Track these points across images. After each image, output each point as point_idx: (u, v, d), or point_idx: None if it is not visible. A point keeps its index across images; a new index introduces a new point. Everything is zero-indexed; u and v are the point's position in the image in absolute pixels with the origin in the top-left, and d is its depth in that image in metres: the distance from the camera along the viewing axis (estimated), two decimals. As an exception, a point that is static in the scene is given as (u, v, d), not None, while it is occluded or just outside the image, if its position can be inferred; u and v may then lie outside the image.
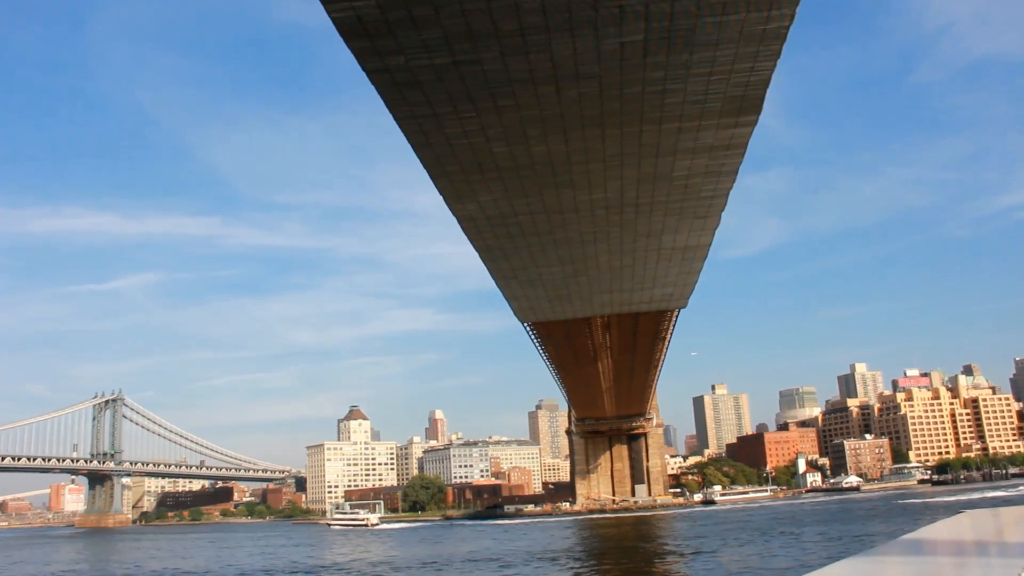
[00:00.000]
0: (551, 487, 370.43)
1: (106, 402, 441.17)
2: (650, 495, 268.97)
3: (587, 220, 73.08)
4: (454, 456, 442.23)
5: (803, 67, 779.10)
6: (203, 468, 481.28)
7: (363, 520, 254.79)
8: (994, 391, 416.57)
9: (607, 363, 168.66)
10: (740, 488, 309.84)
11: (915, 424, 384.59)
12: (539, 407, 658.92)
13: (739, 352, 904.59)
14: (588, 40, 42.67)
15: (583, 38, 42.46)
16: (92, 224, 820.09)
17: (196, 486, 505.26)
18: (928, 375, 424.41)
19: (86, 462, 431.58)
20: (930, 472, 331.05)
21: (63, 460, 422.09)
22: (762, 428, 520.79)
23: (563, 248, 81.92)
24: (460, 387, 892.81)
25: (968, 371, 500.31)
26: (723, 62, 45.82)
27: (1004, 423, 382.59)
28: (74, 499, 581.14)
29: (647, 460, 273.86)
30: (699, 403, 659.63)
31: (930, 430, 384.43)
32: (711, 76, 47.44)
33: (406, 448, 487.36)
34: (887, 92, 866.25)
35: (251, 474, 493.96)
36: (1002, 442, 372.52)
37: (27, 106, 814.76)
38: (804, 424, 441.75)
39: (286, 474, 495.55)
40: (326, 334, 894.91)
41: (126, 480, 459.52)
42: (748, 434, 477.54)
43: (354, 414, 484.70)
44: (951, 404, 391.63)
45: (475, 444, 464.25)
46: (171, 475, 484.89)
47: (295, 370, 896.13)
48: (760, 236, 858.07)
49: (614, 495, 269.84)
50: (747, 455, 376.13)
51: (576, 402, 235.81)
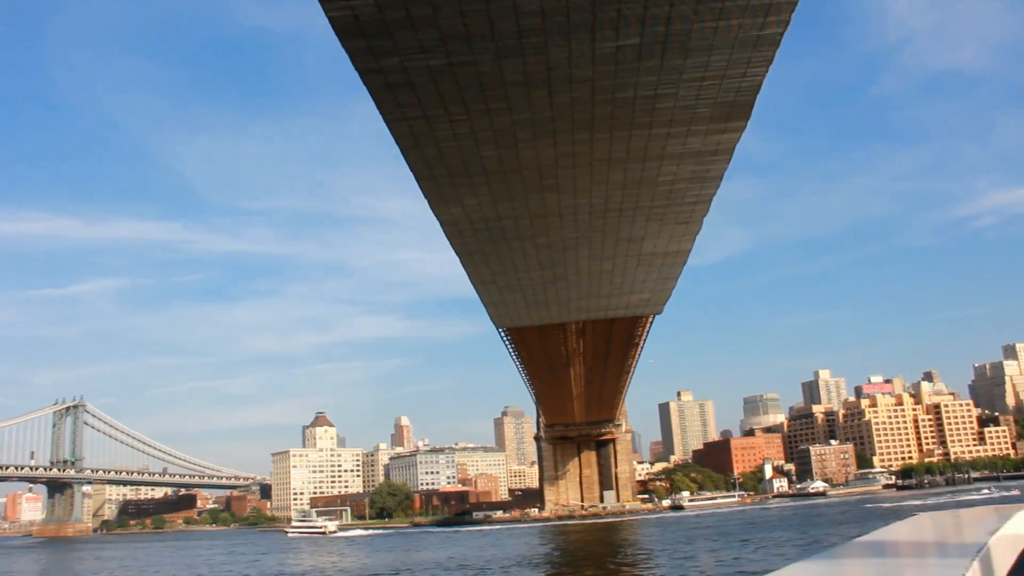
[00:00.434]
0: (518, 493, 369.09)
1: (67, 408, 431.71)
2: (619, 501, 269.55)
3: (570, 225, 72.88)
4: (421, 463, 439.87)
5: (768, 77, 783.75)
6: (166, 475, 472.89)
7: (321, 528, 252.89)
8: (954, 397, 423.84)
9: (579, 369, 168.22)
10: (708, 494, 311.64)
11: (879, 430, 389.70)
12: (505, 413, 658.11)
13: (704, 359, 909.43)
14: (584, 43, 42.54)
15: (579, 41, 42.33)
16: (52, 228, 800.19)
17: (159, 494, 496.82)
18: (891, 381, 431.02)
19: (45, 470, 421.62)
20: (894, 477, 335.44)
21: (21, 468, 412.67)
22: (727, 434, 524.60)
23: (544, 253, 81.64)
24: (425, 393, 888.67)
25: (928, 377, 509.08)
26: (716, 67, 45.98)
27: (965, 428, 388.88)
28: (32, 508, 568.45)
29: (616, 466, 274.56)
30: (665, 409, 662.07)
31: (894, 436, 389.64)
32: (703, 81, 47.57)
33: (372, 455, 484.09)
34: (849, 102, 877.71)
35: (215, 481, 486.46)
36: (963, 447, 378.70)
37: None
38: (770, 430, 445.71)
39: (251, 481, 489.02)
40: (290, 340, 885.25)
41: (87, 488, 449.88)
42: (714, 440, 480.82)
43: (320, 421, 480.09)
44: (914, 410, 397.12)
45: (442, 451, 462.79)
46: (133, 483, 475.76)
47: (259, 377, 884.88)
48: (724, 244, 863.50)
49: (583, 501, 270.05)
50: (714, 461, 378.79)
51: (546, 408, 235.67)
